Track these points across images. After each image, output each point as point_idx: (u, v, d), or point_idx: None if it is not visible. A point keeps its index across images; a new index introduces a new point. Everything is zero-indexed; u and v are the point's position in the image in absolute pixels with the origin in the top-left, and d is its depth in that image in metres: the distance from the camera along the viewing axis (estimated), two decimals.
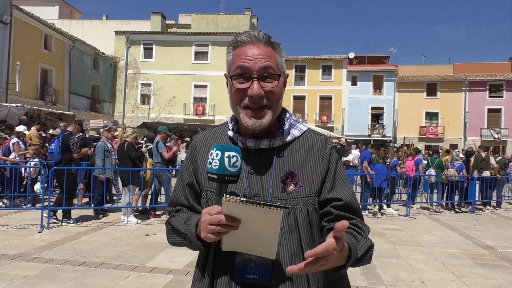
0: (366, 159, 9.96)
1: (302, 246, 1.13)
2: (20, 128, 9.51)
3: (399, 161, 11.94)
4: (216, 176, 1.04)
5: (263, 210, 0.95)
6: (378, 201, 9.74)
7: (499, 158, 13.05)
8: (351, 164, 12.54)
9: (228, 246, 1.07)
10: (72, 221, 7.03)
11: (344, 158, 12.60)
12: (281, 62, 1.19)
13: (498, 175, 11.61)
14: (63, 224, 6.95)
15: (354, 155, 13.95)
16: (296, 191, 1.16)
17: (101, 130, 8.94)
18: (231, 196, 0.95)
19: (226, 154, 1.04)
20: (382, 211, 9.75)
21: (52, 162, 8.93)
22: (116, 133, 11.88)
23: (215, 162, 1.04)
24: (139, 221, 7.42)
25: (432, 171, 10.58)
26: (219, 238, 1.02)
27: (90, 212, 8.00)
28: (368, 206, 9.91)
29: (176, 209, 1.30)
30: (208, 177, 1.07)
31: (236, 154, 1.05)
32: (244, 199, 0.94)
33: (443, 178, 10.69)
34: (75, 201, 8.88)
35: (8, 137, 9.21)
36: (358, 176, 10.28)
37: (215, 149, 1.06)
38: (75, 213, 7.55)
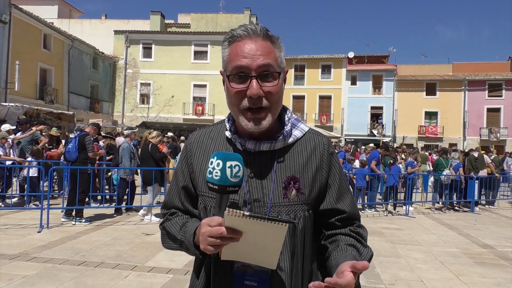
0: (375, 159, 10.05)
1: (296, 253, 1.12)
2: (6, 126, 9.50)
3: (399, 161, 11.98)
4: (217, 187, 0.98)
5: (267, 224, 0.91)
6: (391, 200, 9.85)
7: (493, 156, 13.11)
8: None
9: (228, 256, 1.03)
10: (84, 220, 7.09)
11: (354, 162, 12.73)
12: (281, 57, 1.13)
13: (496, 174, 11.65)
14: (76, 223, 6.98)
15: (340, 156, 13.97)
16: (298, 197, 1.12)
17: (128, 132, 9.10)
18: (234, 210, 0.90)
19: (228, 163, 0.98)
20: (396, 210, 9.85)
21: (51, 162, 8.97)
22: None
23: (216, 172, 0.97)
24: (160, 219, 7.49)
25: (448, 172, 10.58)
26: (219, 250, 0.98)
27: (98, 211, 8.00)
28: (377, 206, 10.09)
29: (170, 212, 1.24)
30: (208, 187, 1.01)
31: (239, 164, 0.99)
32: (248, 214, 0.90)
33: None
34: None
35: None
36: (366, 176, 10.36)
37: (215, 157, 0.99)
38: (88, 212, 7.63)
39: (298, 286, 1.11)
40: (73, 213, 7.18)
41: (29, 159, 8.75)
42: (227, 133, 1.18)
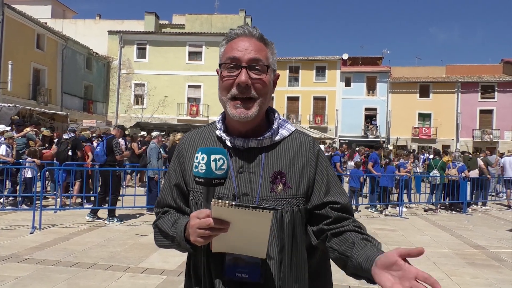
0: (372, 160, 10.13)
1: (285, 246, 1.14)
2: (1, 127, 9.45)
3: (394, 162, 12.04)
4: (203, 180, 1.03)
5: (252, 212, 0.94)
6: (383, 200, 9.89)
7: (482, 157, 13.29)
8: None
9: (218, 248, 1.06)
10: (116, 220, 7.29)
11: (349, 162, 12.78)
12: (272, 59, 1.21)
13: (488, 176, 11.78)
14: (109, 222, 7.19)
15: None
16: (285, 191, 1.16)
17: (156, 134, 9.41)
18: (220, 201, 0.94)
19: (212, 157, 1.03)
20: (387, 211, 9.88)
21: (44, 163, 8.91)
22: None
23: (202, 166, 1.02)
24: None
25: (436, 172, 10.68)
26: (209, 241, 1.02)
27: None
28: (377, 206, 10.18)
29: (163, 210, 1.28)
30: (194, 181, 1.06)
31: (223, 157, 1.04)
32: (233, 203, 0.94)
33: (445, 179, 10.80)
34: (67, 201, 8.85)
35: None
36: (361, 177, 10.40)
37: (200, 152, 1.04)
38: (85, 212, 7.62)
39: (288, 277, 1.14)
40: (98, 212, 7.50)
41: (28, 160, 8.68)
42: (217, 132, 1.24)
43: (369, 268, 0.97)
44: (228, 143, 1.20)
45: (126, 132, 10.08)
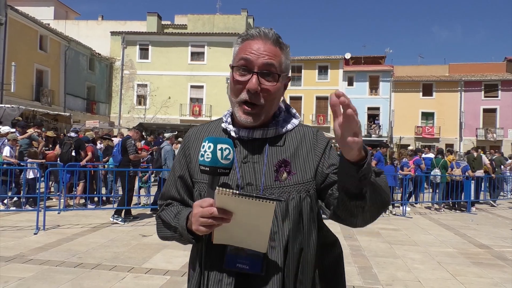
0: (375, 159, 10.12)
1: (290, 233, 1.12)
2: (6, 128, 9.50)
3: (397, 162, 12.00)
4: (208, 169, 1.04)
5: (255, 202, 0.94)
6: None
7: (496, 156, 13.18)
8: None
9: (219, 239, 1.06)
10: (120, 219, 7.32)
11: None
12: (286, 64, 1.21)
13: (493, 175, 11.72)
14: (113, 220, 7.26)
15: None
16: (290, 179, 1.16)
17: (168, 135, 9.53)
18: (224, 189, 0.94)
19: (219, 146, 1.03)
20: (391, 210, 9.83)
21: (47, 164, 8.94)
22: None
23: (208, 155, 1.03)
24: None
25: (437, 171, 10.66)
26: (211, 230, 1.03)
27: (95, 212, 7.96)
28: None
29: (167, 202, 1.29)
30: (200, 170, 1.07)
31: (229, 147, 1.04)
32: (237, 192, 0.94)
33: (447, 178, 10.75)
34: (71, 202, 8.87)
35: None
36: None
37: (207, 141, 1.05)
38: (86, 213, 7.54)
39: (292, 270, 1.11)
40: (122, 213, 7.52)
41: (29, 161, 8.71)
42: (223, 124, 1.26)
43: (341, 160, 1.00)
44: (233, 134, 1.22)
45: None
